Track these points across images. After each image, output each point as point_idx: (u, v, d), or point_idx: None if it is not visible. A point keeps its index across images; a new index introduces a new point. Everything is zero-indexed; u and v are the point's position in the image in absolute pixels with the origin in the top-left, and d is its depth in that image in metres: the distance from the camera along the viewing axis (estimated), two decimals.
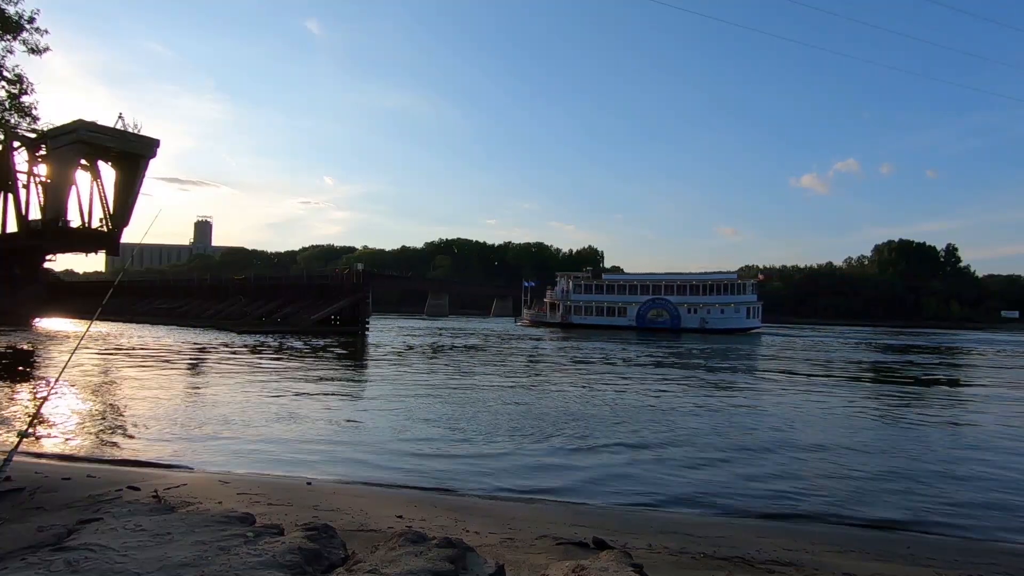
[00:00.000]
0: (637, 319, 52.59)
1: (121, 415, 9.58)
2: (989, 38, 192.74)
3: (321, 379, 15.16)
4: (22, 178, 44.59)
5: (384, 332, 40.58)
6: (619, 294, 54.53)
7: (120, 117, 42.87)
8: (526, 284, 65.39)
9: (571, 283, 56.78)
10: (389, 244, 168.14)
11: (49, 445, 7.49)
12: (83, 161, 42.83)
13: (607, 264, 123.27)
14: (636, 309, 52.94)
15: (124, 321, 45.17)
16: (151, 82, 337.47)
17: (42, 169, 44.55)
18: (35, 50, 22.21)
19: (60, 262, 64.57)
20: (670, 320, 51.64)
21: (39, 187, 44.40)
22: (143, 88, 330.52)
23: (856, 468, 7.38)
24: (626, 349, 28.92)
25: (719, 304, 50.76)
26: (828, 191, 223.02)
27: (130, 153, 43.24)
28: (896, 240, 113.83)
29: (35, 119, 25.52)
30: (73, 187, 43.19)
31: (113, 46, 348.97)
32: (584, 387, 14.64)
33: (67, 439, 7.85)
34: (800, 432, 9.58)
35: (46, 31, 22.30)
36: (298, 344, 27.04)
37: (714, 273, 53.85)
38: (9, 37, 21.57)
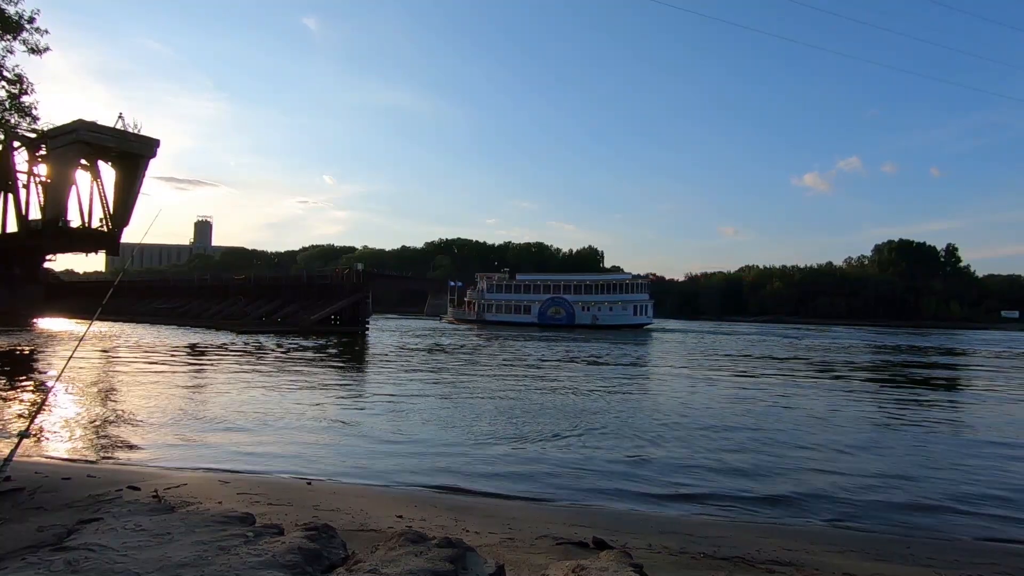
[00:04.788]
0: (539, 316, 57.35)
1: (121, 415, 9.58)
2: (990, 38, 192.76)
3: (321, 379, 15.16)
4: (22, 178, 44.70)
5: (384, 332, 40.58)
6: (525, 293, 59.28)
7: (120, 117, 42.98)
8: (451, 284, 69.73)
9: (486, 283, 61.82)
10: (389, 244, 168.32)
11: (49, 445, 7.48)
12: (83, 161, 42.86)
13: (607, 264, 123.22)
14: (538, 307, 57.64)
15: (124, 321, 45.14)
16: (149, 80, 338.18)
17: (42, 169, 44.64)
18: (35, 50, 22.19)
19: (60, 262, 64.66)
20: (566, 317, 56.55)
21: (39, 187, 44.48)
22: (141, 86, 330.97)
23: (854, 468, 7.38)
24: (471, 346, 28.94)
25: (608, 302, 55.68)
26: (830, 190, 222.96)
27: (130, 153, 43.29)
28: (896, 240, 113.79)
29: (35, 119, 25.50)
30: (73, 187, 43.28)
31: (111, 44, 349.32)
32: (577, 386, 14.64)
33: (67, 439, 7.86)
34: (776, 429, 9.59)
35: (46, 31, 22.30)
36: (298, 344, 27.04)
37: (608, 275, 60.66)
38: (9, 37, 21.55)
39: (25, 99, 23.44)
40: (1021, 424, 11.14)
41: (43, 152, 43.60)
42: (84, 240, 44.99)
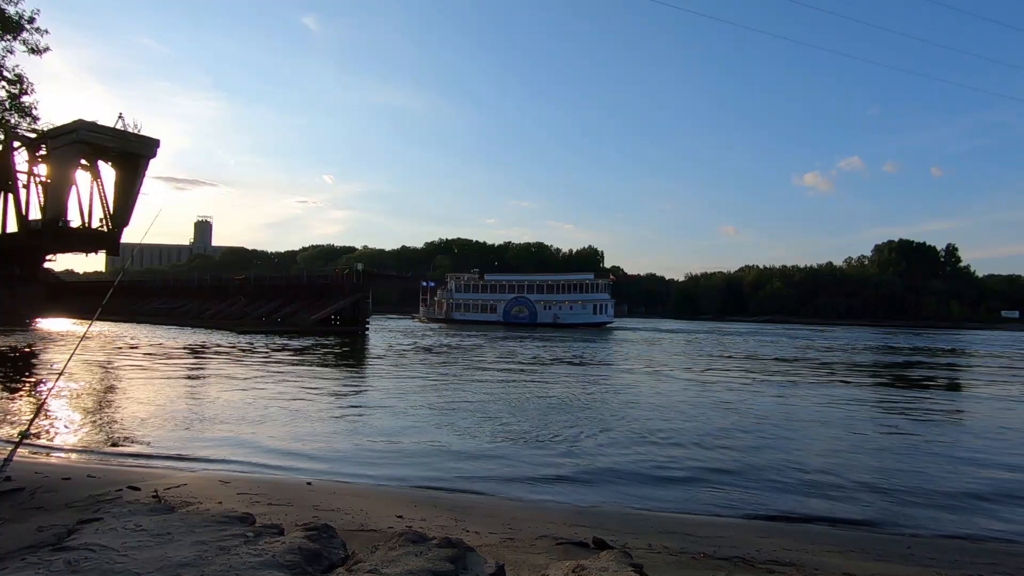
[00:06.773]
0: (503, 315, 59.09)
1: (121, 415, 9.59)
2: (990, 38, 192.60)
3: (321, 379, 15.17)
4: (22, 178, 44.67)
5: (384, 332, 40.58)
6: (492, 293, 61.23)
7: (120, 117, 42.96)
8: (424, 284, 71.01)
9: (455, 283, 63.94)
10: (389, 244, 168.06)
11: (49, 445, 7.49)
12: (83, 161, 42.84)
13: (607, 264, 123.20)
14: (503, 306, 59.47)
15: (124, 321, 45.16)
16: (147, 79, 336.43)
17: (42, 169, 44.62)
18: (35, 50, 22.24)
19: (60, 262, 64.53)
20: (528, 316, 58.28)
21: (39, 187, 44.46)
22: (139, 85, 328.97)
23: (853, 468, 7.37)
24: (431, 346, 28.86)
25: (568, 302, 57.62)
26: (831, 189, 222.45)
27: (130, 153, 43.26)
28: (896, 240, 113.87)
29: (35, 119, 25.57)
30: (73, 187, 43.23)
31: (108, 42, 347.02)
32: (579, 385, 14.65)
33: (67, 439, 7.85)
34: (783, 430, 9.59)
35: (46, 31, 22.33)
36: (298, 344, 27.05)
37: (570, 275, 63.75)
38: (9, 37, 21.59)
39: (25, 99, 23.50)
40: (1020, 425, 11.14)
41: (43, 152, 43.60)
42: (84, 240, 44.98)
